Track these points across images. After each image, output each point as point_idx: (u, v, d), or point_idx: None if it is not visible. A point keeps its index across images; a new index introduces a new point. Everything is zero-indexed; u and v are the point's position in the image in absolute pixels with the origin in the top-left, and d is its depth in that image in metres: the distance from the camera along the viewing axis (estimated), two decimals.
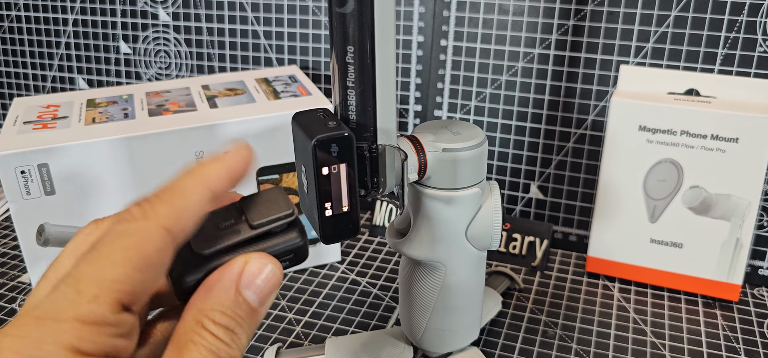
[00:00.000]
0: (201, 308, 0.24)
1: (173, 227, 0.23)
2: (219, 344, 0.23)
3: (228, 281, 0.24)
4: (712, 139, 0.49)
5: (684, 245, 0.53)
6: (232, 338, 0.24)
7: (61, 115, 0.51)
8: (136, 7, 0.72)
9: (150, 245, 0.22)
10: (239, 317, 0.24)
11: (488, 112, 0.62)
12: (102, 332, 0.20)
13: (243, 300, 0.24)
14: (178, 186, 0.24)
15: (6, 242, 0.62)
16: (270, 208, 0.27)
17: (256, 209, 0.27)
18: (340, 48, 0.32)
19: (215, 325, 0.23)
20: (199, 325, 0.23)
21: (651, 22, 0.55)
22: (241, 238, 0.26)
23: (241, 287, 0.24)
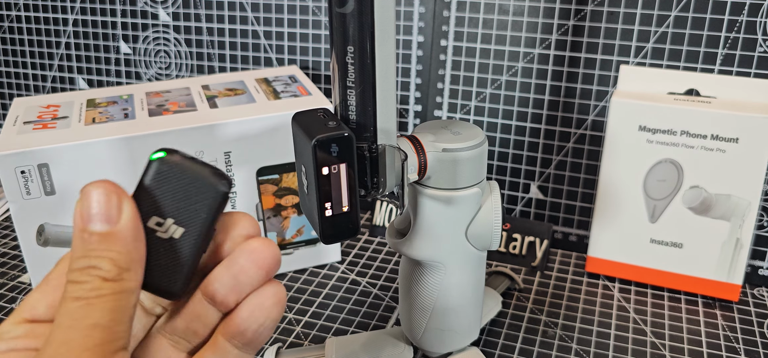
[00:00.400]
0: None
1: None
2: (75, 288, 0.23)
3: (74, 231, 0.25)
4: (712, 139, 0.49)
5: (684, 245, 0.53)
6: (87, 273, 0.24)
7: (61, 116, 0.51)
8: (136, 7, 0.72)
9: (54, 270, 0.27)
10: (90, 251, 0.24)
11: (488, 112, 0.62)
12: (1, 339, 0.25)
13: (89, 234, 0.24)
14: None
15: (6, 242, 0.62)
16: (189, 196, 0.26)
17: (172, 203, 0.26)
18: (340, 48, 0.32)
19: (71, 272, 0.24)
20: (67, 282, 0.24)
21: (651, 22, 0.55)
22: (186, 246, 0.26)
23: (84, 227, 0.24)
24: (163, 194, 0.25)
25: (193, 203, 0.25)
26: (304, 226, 0.56)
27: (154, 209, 0.25)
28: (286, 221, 0.55)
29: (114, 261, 0.24)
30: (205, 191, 0.25)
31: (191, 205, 0.25)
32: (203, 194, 0.25)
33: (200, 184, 0.25)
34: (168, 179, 0.25)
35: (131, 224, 0.24)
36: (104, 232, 0.24)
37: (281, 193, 0.54)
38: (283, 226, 0.55)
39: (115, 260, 0.24)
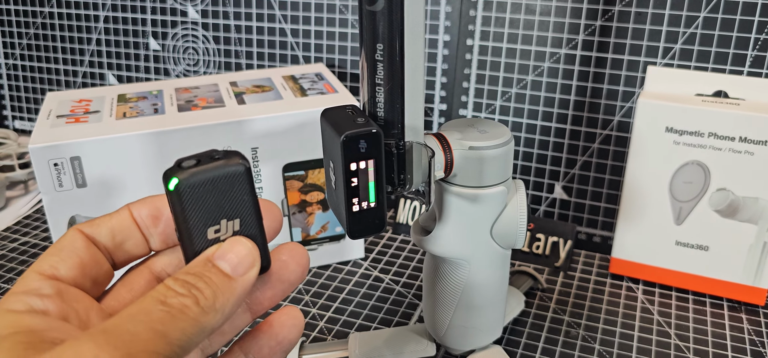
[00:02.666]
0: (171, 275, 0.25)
1: (85, 228, 0.27)
2: (168, 292, 0.24)
3: (201, 256, 0.26)
4: (740, 141, 0.49)
5: (710, 248, 0.52)
6: (188, 289, 0.24)
7: (93, 110, 0.52)
8: (165, 5, 0.73)
9: (63, 239, 0.27)
10: (206, 277, 0.25)
11: (513, 111, 0.62)
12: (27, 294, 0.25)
13: (213, 265, 0.25)
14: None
15: (37, 233, 0.63)
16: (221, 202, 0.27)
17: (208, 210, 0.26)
18: (369, 45, 0.32)
19: (173, 280, 0.24)
20: (161, 284, 0.24)
21: (679, 23, 0.55)
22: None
23: (212, 258, 0.26)
24: (200, 208, 0.26)
25: (228, 194, 0.26)
26: (328, 222, 0.56)
27: (204, 223, 0.26)
28: (310, 217, 0.55)
29: (215, 298, 0.25)
30: (230, 178, 0.26)
31: (229, 196, 0.26)
32: (231, 181, 0.26)
33: (223, 176, 0.26)
34: (195, 194, 0.25)
35: (248, 286, 0.26)
36: (225, 272, 0.25)
37: (307, 189, 0.54)
38: (307, 222, 0.55)
39: (216, 298, 0.25)
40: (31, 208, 0.68)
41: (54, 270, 0.26)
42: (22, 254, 0.59)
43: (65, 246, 0.27)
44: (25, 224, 0.65)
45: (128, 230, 0.28)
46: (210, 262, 0.25)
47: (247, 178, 0.26)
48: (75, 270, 0.26)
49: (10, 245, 0.61)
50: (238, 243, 0.26)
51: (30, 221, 0.65)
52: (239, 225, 0.27)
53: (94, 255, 0.27)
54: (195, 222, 0.26)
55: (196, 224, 0.26)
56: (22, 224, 0.65)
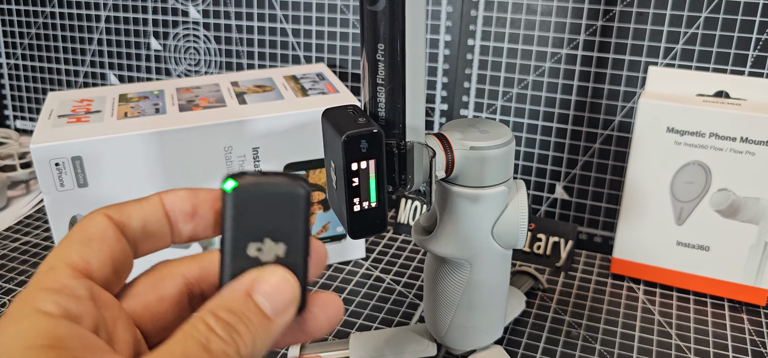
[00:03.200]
0: (207, 306, 0.24)
1: (114, 214, 0.25)
2: (211, 336, 0.23)
3: (239, 285, 0.24)
4: (741, 141, 0.49)
5: (711, 249, 0.52)
6: (230, 333, 0.23)
7: (95, 110, 0.52)
8: (167, 5, 0.73)
9: (91, 226, 0.25)
10: (246, 318, 0.24)
11: (514, 111, 0.62)
12: (61, 294, 0.22)
13: (253, 303, 0.24)
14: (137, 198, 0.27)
15: (38, 233, 0.63)
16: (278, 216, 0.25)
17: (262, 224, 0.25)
18: (370, 45, 0.32)
19: (215, 318, 0.23)
20: (199, 319, 0.23)
21: (680, 23, 0.55)
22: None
23: (252, 291, 0.24)
24: (251, 219, 0.25)
25: (282, 215, 0.25)
26: (329, 222, 0.56)
27: (248, 236, 0.25)
28: (312, 216, 0.55)
29: (254, 344, 0.24)
30: (289, 199, 0.25)
31: (282, 218, 0.25)
32: (288, 202, 0.25)
33: (282, 195, 0.25)
34: (249, 203, 0.24)
35: (283, 328, 0.25)
36: (265, 313, 0.24)
37: None
38: None
39: (255, 344, 0.24)
40: (32, 208, 0.68)
41: (86, 265, 0.24)
42: (23, 254, 0.59)
43: (95, 236, 0.24)
44: (27, 224, 0.65)
45: (159, 221, 0.26)
46: (250, 298, 0.24)
47: (306, 204, 0.25)
48: (106, 267, 0.24)
49: (12, 245, 0.61)
50: (282, 281, 0.25)
51: (31, 220, 0.66)
52: (284, 252, 0.25)
53: (124, 248, 0.25)
54: (240, 231, 0.25)
55: (240, 233, 0.25)
56: (24, 223, 0.65)
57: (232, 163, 0.51)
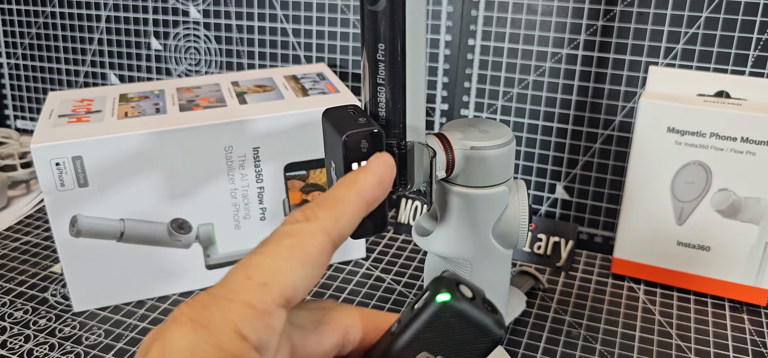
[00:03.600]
0: None
1: (332, 230, 0.24)
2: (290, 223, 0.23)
3: (345, 181, 0.25)
4: (742, 141, 0.49)
5: (711, 249, 0.52)
6: (303, 213, 0.23)
7: (95, 109, 0.52)
8: (167, 5, 0.73)
9: (312, 245, 0.23)
10: (322, 200, 0.24)
11: (515, 111, 0.62)
12: (263, 319, 0.21)
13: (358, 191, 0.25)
14: (335, 195, 0.25)
15: (39, 233, 0.63)
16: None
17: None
18: (371, 45, 0.32)
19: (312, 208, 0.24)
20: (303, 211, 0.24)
21: (681, 23, 0.55)
22: None
23: (356, 191, 0.25)
24: (439, 335, 0.25)
25: (467, 347, 0.25)
26: None
27: (426, 346, 0.25)
28: None
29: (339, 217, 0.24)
30: (480, 337, 0.25)
31: (464, 349, 0.25)
32: (480, 341, 0.25)
33: (479, 333, 0.25)
34: (448, 323, 0.24)
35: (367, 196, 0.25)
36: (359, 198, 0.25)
37: (308, 189, 0.54)
38: None
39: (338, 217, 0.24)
40: (32, 207, 0.68)
41: (294, 294, 0.23)
42: (23, 254, 0.59)
43: (312, 259, 0.23)
44: (27, 224, 0.65)
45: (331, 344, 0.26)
46: (353, 191, 0.25)
47: (492, 347, 0.25)
48: (304, 295, 0.23)
49: (12, 245, 0.61)
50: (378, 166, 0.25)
51: (32, 220, 0.66)
52: None
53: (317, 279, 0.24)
54: (423, 341, 0.25)
55: (422, 342, 0.25)
56: (24, 223, 0.65)
57: (233, 163, 0.51)
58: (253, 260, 0.22)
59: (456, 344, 0.25)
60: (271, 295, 0.22)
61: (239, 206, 0.52)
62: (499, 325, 0.25)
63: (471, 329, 0.25)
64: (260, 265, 0.22)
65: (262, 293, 0.21)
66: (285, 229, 0.24)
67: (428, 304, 0.24)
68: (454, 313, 0.24)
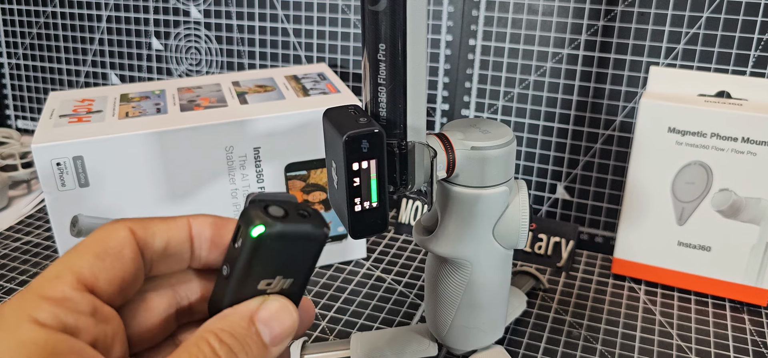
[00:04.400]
0: (211, 327, 0.24)
1: (138, 230, 0.25)
2: (209, 355, 0.23)
3: (244, 310, 0.25)
4: (742, 141, 0.49)
5: (712, 249, 0.52)
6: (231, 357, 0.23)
7: (96, 109, 0.52)
8: (168, 5, 0.73)
9: (111, 238, 0.24)
10: (246, 344, 0.24)
11: (516, 111, 0.62)
12: (61, 305, 0.22)
13: (255, 331, 0.24)
14: (165, 216, 0.26)
15: (40, 233, 0.63)
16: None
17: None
18: (371, 45, 0.32)
19: (219, 342, 0.23)
20: (203, 340, 0.23)
21: (682, 23, 0.55)
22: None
23: (255, 319, 0.25)
24: (268, 261, 0.25)
25: (297, 258, 0.25)
26: (330, 222, 0.56)
27: (261, 274, 0.25)
28: None
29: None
30: (308, 245, 0.25)
31: (296, 260, 0.25)
32: (307, 248, 0.25)
33: (303, 241, 0.25)
34: (271, 248, 0.24)
35: (279, 353, 0.25)
36: (264, 342, 0.25)
37: (309, 189, 0.54)
38: None
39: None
40: (33, 207, 0.68)
41: (94, 281, 0.23)
42: (24, 254, 0.59)
43: (111, 251, 0.24)
44: (28, 224, 0.65)
45: (181, 244, 0.26)
46: (253, 324, 0.24)
47: (322, 245, 0.25)
48: (114, 286, 0.24)
49: (13, 245, 0.61)
50: (284, 311, 0.25)
51: (32, 220, 0.66)
52: (288, 285, 0.26)
53: (138, 268, 0.25)
54: (256, 272, 0.25)
55: (255, 273, 0.25)
56: (25, 223, 0.65)
57: (233, 163, 0.51)
58: (54, 262, 0.23)
59: (287, 261, 0.25)
60: (62, 284, 0.22)
61: (240, 206, 0.52)
62: (318, 226, 0.25)
63: (295, 242, 0.25)
64: (54, 265, 0.23)
65: (54, 284, 0.22)
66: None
67: (245, 240, 0.24)
68: (273, 238, 0.24)
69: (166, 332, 0.27)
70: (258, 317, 0.25)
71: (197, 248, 0.27)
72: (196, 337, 0.23)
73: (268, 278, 0.25)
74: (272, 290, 0.26)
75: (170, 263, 0.26)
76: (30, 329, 0.21)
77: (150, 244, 0.25)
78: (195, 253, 0.27)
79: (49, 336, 0.21)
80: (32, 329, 0.21)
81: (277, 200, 0.25)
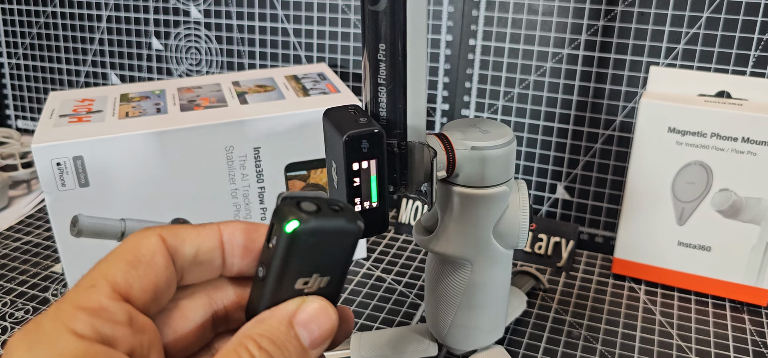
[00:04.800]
0: (249, 332, 0.24)
1: (168, 238, 0.25)
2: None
3: (282, 313, 0.24)
4: (742, 141, 0.49)
5: (712, 249, 0.52)
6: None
7: (96, 109, 0.52)
8: (168, 5, 0.73)
9: (143, 246, 0.24)
10: (286, 350, 0.24)
11: (516, 111, 0.62)
12: (98, 316, 0.22)
13: (294, 335, 0.24)
14: (196, 224, 0.26)
15: (40, 233, 0.63)
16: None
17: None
18: (371, 45, 0.32)
19: (258, 348, 0.23)
20: (242, 346, 0.23)
21: (682, 23, 0.55)
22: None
23: (294, 322, 0.24)
24: (304, 258, 0.24)
25: (333, 253, 0.25)
26: None
27: (299, 273, 0.25)
28: None
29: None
30: (343, 240, 0.25)
31: (332, 256, 0.25)
32: (342, 242, 0.25)
33: (338, 236, 0.25)
34: (307, 244, 0.24)
35: (318, 355, 0.25)
36: (304, 347, 0.24)
37: (309, 189, 0.54)
38: None
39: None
40: (33, 207, 0.68)
41: (129, 289, 0.23)
42: (24, 254, 0.59)
43: (145, 258, 0.24)
44: (28, 224, 0.65)
45: (212, 252, 0.26)
46: (292, 328, 0.24)
47: (355, 240, 0.25)
48: (148, 293, 0.24)
49: (13, 245, 0.61)
50: (323, 312, 0.25)
51: (32, 220, 0.66)
52: (325, 283, 0.25)
53: (170, 275, 0.25)
54: (292, 270, 0.24)
55: (292, 271, 0.24)
56: (25, 223, 0.65)
57: (233, 163, 0.51)
58: (88, 272, 0.23)
59: (323, 256, 0.25)
60: (99, 294, 0.22)
61: (240, 206, 0.52)
62: (352, 220, 0.25)
63: (330, 237, 0.25)
64: (89, 274, 0.23)
65: (90, 294, 0.22)
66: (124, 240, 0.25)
67: (280, 237, 0.24)
68: (308, 233, 0.24)
69: (202, 341, 0.27)
70: (297, 319, 0.24)
71: (229, 254, 0.26)
72: (235, 343, 0.23)
73: (304, 277, 0.25)
74: (310, 289, 0.25)
75: (202, 271, 0.26)
76: (68, 341, 0.21)
77: (180, 251, 0.25)
78: (227, 260, 0.26)
79: (88, 348, 0.21)
80: (71, 340, 0.21)
81: (308, 196, 0.25)
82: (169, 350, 0.26)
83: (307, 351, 0.24)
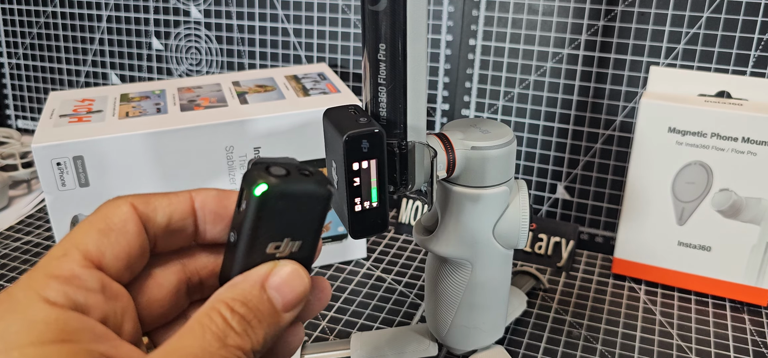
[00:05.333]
0: (221, 297, 0.24)
1: (139, 205, 0.25)
2: (228, 331, 0.23)
3: (254, 277, 0.24)
4: (743, 141, 0.49)
5: (712, 249, 0.52)
6: (245, 328, 0.23)
7: (96, 109, 0.52)
8: (168, 5, 0.73)
9: (114, 214, 0.24)
10: (259, 312, 0.24)
11: (516, 111, 0.62)
12: (70, 283, 0.22)
13: (267, 298, 0.24)
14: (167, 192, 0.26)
15: (40, 233, 0.63)
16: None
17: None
18: (372, 45, 0.32)
19: (231, 312, 0.23)
20: (214, 310, 0.23)
21: (682, 23, 0.55)
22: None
23: (266, 285, 0.24)
24: (274, 221, 0.25)
25: (303, 217, 0.25)
26: (331, 221, 0.56)
27: (270, 237, 0.25)
28: None
29: (265, 340, 0.24)
30: (313, 204, 0.25)
31: (302, 220, 0.25)
32: (312, 206, 0.25)
33: (307, 199, 0.25)
34: (276, 208, 0.24)
35: (290, 322, 0.25)
36: (276, 308, 0.24)
37: None
38: None
39: (265, 340, 0.24)
40: (33, 207, 0.68)
41: (101, 256, 0.23)
42: (24, 254, 0.59)
43: (116, 226, 0.24)
44: (28, 224, 0.65)
45: (185, 219, 0.26)
46: (264, 291, 0.24)
47: (328, 204, 0.25)
48: (121, 261, 0.24)
49: (13, 245, 0.61)
50: (295, 275, 0.25)
51: (33, 220, 0.66)
52: (297, 248, 0.26)
53: (142, 243, 0.25)
54: (263, 234, 0.25)
55: (263, 235, 0.25)
56: (25, 223, 0.65)
57: (233, 163, 0.51)
58: (59, 241, 0.23)
59: (293, 220, 0.25)
60: (70, 262, 0.22)
61: None
62: (322, 184, 0.25)
63: (299, 201, 0.25)
64: (60, 243, 0.23)
65: (62, 263, 0.22)
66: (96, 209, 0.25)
67: (250, 201, 0.24)
68: (276, 196, 0.24)
69: (177, 309, 0.27)
70: (269, 282, 0.24)
71: (201, 221, 0.26)
72: (208, 308, 0.23)
73: (275, 241, 0.25)
74: (281, 254, 0.25)
75: (175, 238, 0.26)
76: (41, 309, 0.21)
77: (152, 218, 0.25)
78: (200, 227, 0.27)
79: (60, 314, 0.21)
80: (43, 308, 0.21)
81: (278, 161, 0.25)
82: (143, 318, 0.26)
83: (280, 313, 0.25)
